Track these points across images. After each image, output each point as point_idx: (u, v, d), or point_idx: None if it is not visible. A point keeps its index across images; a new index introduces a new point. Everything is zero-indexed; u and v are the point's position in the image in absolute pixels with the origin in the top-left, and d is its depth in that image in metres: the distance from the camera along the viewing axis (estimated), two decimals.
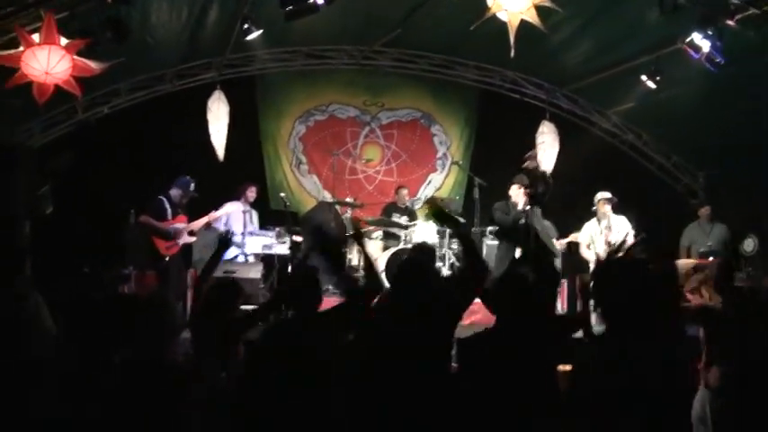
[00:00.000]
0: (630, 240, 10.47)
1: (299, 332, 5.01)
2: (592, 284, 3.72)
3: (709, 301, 6.65)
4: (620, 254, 3.72)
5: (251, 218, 11.41)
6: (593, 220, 10.90)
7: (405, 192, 13.14)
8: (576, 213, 11.49)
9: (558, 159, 13.01)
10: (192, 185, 10.05)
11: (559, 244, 11.06)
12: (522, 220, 9.67)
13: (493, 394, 4.50)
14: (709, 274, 7.08)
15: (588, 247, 10.86)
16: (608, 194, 10.84)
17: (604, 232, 10.72)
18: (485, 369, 4.58)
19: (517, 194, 10.10)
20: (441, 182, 15.07)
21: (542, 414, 4.35)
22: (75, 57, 8.23)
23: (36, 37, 8.03)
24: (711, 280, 6.75)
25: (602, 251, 10.61)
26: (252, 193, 11.50)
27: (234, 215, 11.17)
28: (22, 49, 7.98)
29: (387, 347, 4.76)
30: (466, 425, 4.44)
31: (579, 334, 4.90)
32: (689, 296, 6.78)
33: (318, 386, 4.77)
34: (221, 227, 11.01)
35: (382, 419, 4.63)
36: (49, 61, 7.97)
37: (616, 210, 10.87)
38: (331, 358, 4.93)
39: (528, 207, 9.69)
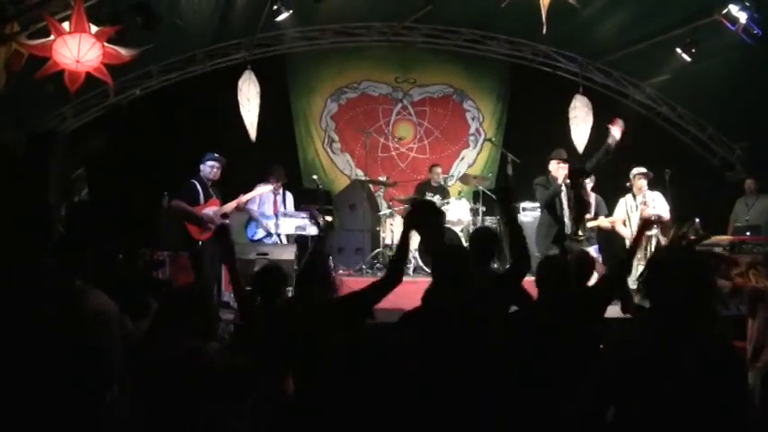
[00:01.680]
0: (666, 216, 10.41)
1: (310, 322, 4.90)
2: (643, 279, 3.66)
3: (756, 284, 6.59)
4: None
5: (284, 200, 11.28)
6: (629, 195, 10.75)
7: (438, 170, 13.02)
8: (610, 188, 11.34)
9: (591, 134, 12.90)
10: (217, 155, 9.87)
11: (609, 221, 10.90)
12: (563, 194, 9.63)
13: (534, 372, 4.52)
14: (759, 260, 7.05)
15: (624, 223, 10.72)
16: (643, 169, 10.66)
17: (640, 207, 10.58)
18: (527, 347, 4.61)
19: (556, 169, 9.99)
20: (473, 158, 15.00)
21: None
22: (106, 44, 8.22)
23: (66, 25, 8.02)
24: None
25: (637, 226, 10.52)
26: (275, 183, 11.17)
27: (264, 197, 11.07)
28: (52, 37, 7.99)
29: None
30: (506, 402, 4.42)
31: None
32: (738, 280, 6.71)
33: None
34: (254, 208, 10.97)
35: None
36: (79, 49, 7.95)
37: (651, 185, 10.72)
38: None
39: (568, 181, 9.63)
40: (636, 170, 10.71)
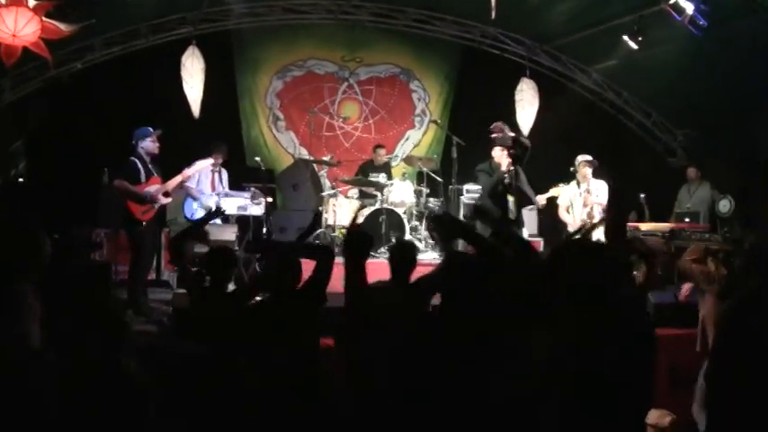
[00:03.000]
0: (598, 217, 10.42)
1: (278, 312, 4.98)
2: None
3: (714, 271, 6.64)
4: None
5: (220, 177, 11.15)
6: (573, 182, 10.78)
7: (382, 151, 12.98)
8: (554, 171, 11.36)
9: (537, 117, 12.93)
10: (151, 128, 9.57)
11: (540, 200, 10.94)
12: (507, 181, 9.58)
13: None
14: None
15: (567, 210, 10.76)
16: (589, 157, 10.68)
17: (583, 195, 10.62)
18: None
19: (500, 156, 9.97)
20: (418, 139, 14.96)
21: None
22: (44, 18, 8.01)
23: None
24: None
25: (581, 214, 10.57)
26: (217, 159, 11.02)
27: (203, 175, 10.88)
28: None
29: None
30: None
31: None
32: (693, 265, 6.78)
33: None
34: (193, 186, 10.79)
35: None
36: (16, 23, 7.75)
37: (596, 173, 10.76)
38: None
39: (511, 168, 9.58)
40: (581, 157, 10.72)
